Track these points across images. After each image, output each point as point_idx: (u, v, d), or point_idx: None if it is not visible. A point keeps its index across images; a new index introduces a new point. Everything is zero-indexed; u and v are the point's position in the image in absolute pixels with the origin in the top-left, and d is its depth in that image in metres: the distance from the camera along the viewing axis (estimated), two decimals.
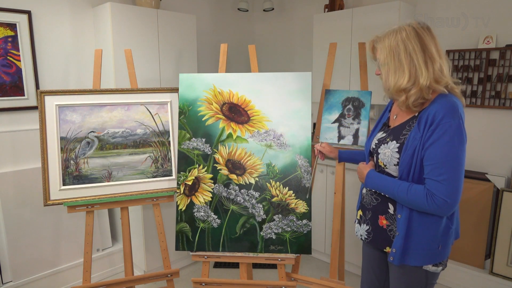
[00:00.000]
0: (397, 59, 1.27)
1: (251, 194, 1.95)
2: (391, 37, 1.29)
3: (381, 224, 1.40)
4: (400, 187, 1.29)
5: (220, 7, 3.74)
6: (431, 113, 1.23)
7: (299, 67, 3.77)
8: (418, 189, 1.25)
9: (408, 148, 1.27)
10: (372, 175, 1.41)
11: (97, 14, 2.71)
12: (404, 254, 1.32)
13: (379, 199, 1.42)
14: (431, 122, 1.22)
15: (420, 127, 1.25)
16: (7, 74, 2.42)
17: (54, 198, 1.94)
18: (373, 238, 1.44)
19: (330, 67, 2.10)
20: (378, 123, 1.54)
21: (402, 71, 1.26)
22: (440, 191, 1.20)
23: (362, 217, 1.51)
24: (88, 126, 2.01)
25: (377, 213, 1.42)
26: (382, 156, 1.37)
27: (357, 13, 2.87)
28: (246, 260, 1.95)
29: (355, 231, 1.57)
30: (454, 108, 1.21)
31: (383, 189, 1.36)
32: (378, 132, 1.48)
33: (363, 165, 1.49)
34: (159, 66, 2.88)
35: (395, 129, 1.37)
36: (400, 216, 1.32)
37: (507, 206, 2.40)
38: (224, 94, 1.99)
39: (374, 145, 1.45)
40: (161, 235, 2.14)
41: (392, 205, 1.37)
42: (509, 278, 2.39)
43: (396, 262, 1.33)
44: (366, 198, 1.48)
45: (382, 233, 1.40)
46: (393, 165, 1.34)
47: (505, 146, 2.57)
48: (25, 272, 2.46)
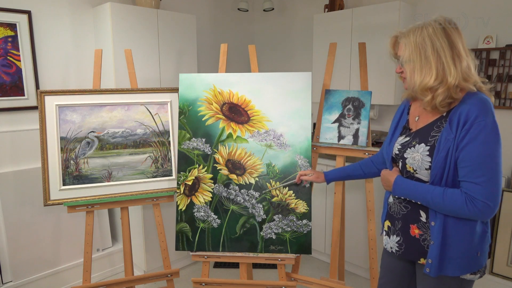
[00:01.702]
0: (423, 56, 1.19)
1: (251, 194, 1.95)
2: (416, 33, 1.21)
3: (413, 233, 1.30)
4: (434, 193, 1.20)
5: (220, 7, 3.74)
6: (463, 112, 1.15)
7: (299, 67, 3.77)
8: (455, 193, 1.16)
9: (440, 151, 1.19)
10: (400, 182, 1.30)
11: (97, 14, 2.71)
12: (442, 265, 1.23)
13: (409, 207, 1.32)
14: (464, 121, 1.14)
15: (453, 128, 1.17)
16: (7, 74, 2.42)
17: (54, 198, 1.94)
18: (405, 250, 1.34)
19: (330, 67, 2.10)
20: (396, 126, 1.44)
21: (429, 68, 1.18)
22: (480, 194, 1.12)
23: (391, 227, 1.40)
24: (88, 126, 2.01)
25: (408, 222, 1.31)
26: (410, 161, 1.28)
27: (357, 13, 2.87)
28: (246, 260, 1.95)
29: (384, 244, 1.45)
30: (487, 106, 1.15)
31: (415, 196, 1.26)
32: (399, 136, 1.38)
33: (387, 172, 1.38)
34: (159, 66, 2.88)
35: (421, 132, 1.29)
36: (434, 224, 1.23)
37: (507, 206, 2.40)
38: (224, 94, 1.99)
39: (397, 150, 1.36)
40: (161, 235, 2.14)
41: (424, 212, 1.27)
42: (509, 278, 2.39)
43: (433, 273, 1.23)
44: (394, 207, 1.38)
45: (415, 243, 1.30)
46: (424, 170, 1.24)
47: (505, 146, 2.57)
48: (25, 272, 2.46)
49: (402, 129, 1.40)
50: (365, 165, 1.67)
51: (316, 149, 2.09)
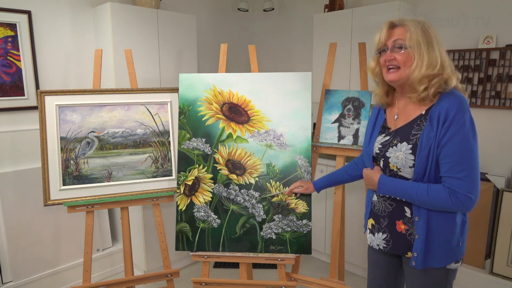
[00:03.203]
0: (430, 42, 1.22)
1: (251, 194, 1.95)
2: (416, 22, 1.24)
3: (399, 229, 1.34)
4: (419, 189, 1.24)
5: (220, 7, 3.74)
6: (442, 110, 1.20)
7: (299, 67, 3.77)
8: (438, 188, 1.22)
9: (423, 149, 1.23)
10: (384, 180, 1.34)
11: (97, 14, 2.71)
12: (427, 257, 1.28)
13: (394, 204, 1.36)
14: (444, 119, 1.19)
15: (433, 125, 1.21)
16: (7, 74, 2.42)
17: (54, 198, 1.94)
18: (392, 246, 1.37)
19: (330, 67, 2.10)
20: (373, 126, 1.46)
21: (435, 56, 1.22)
22: (462, 188, 1.18)
23: (375, 225, 1.43)
24: (88, 126, 2.01)
25: (394, 219, 1.35)
26: (394, 160, 1.31)
27: (357, 13, 2.87)
28: (246, 260, 1.95)
29: (368, 242, 1.49)
30: (465, 102, 1.20)
31: (400, 194, 1.30)
32: (378, 136, 1.41)
33: (370, 171, 1.41)
34: (159, 66, 2.88)
35: (401, 130, 1.32)
36: (418, 219, 1.28)
37: (507, 206, 2.40)
38: (224, 94, 1.99)
39: (378, 150, 1.38)
40: (161, 235, 2.14)
41: (408, 208, 1.32)
42: (509, 278, 2.39)
43: (420, 266, 1.29)
44: (379, 205, 1.41)
45: (402, 238, 1.34)
46: (408, 168, 1.28)
47: (505, 146, 2.57)
48: (25, 272, 2.46)
49: (381, 128, 1.42)
50: (350, 168, 1.69)
51: (316, 149, 2.09)
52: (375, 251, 1.49)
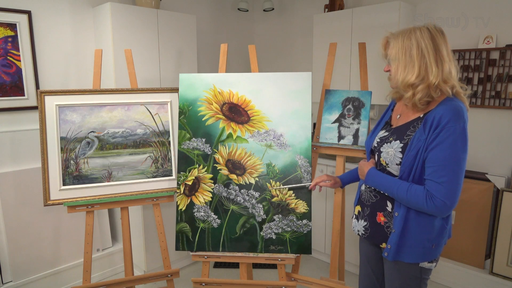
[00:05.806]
0: (408, 55, 1.30)
1: (251, 194, 1.95)
2: (405, 34, 1.32)
3: (379, 220, 1.43)
4: (400, 187, 1.31)
5: (220, 7, 3.74)
6: (437, 116, 1.25)
7: (299, 67, 3.77)
8: (418, 189, 1.28)
9: (412, 149, 1.29)
10: (372, 173, 1.43)
11: (97, 14, 2.71)
12: (399, 251, 1.36)
13: (378, 196, 1.44)
14: (437, 125, 1.24)
15: (426, 129, 1.27)
16: (7, 74, 2.42)
17: (54, 198, 1.94)
18: (370, 234, 1.47)
19: (330, 67, 2.10)
20: (380, 121, 1.56)
21: (412, 66, 1.29)
22: (440, 193, 1.23)
23: (360, 212, 1.53)
24: (88, 126, 2.01)
25: (376, 210, 1.44)
26: (384, 155, 1.39)
27: (357, 13, 2.87)
28: (246, 260, 1.95)
29: (352, 227, 1.59)
30: (460, 112, 1.23)
31: (383, 188, 1.38)
32: (380, 131, 1.49)
33: (364, 163, 1.51)
34: (159, 66, 2.88)
35: (399, 129, 1.39)
36: (397, 214, 1.36)
37: (507, 206, 2.40)
38: (224, 94, 1.99)
39: (376, 144, 1.46)
40: (161, 235, 2.14)
41: (390, 203, 1.40)
42: (509, 278, 2.39)
43: (390, 258, 1.38)
44: (365, 195, 1.51)
45: (380, 229, 1.43)
46: (395, 164, 1.36)
47: (505, 146, 2.57)
48: (25, 272, 2.46)
49: (385, 124, 1.51)
50: None
51: (316, 149, 2.09)
52: (360, 239, 1.61)
